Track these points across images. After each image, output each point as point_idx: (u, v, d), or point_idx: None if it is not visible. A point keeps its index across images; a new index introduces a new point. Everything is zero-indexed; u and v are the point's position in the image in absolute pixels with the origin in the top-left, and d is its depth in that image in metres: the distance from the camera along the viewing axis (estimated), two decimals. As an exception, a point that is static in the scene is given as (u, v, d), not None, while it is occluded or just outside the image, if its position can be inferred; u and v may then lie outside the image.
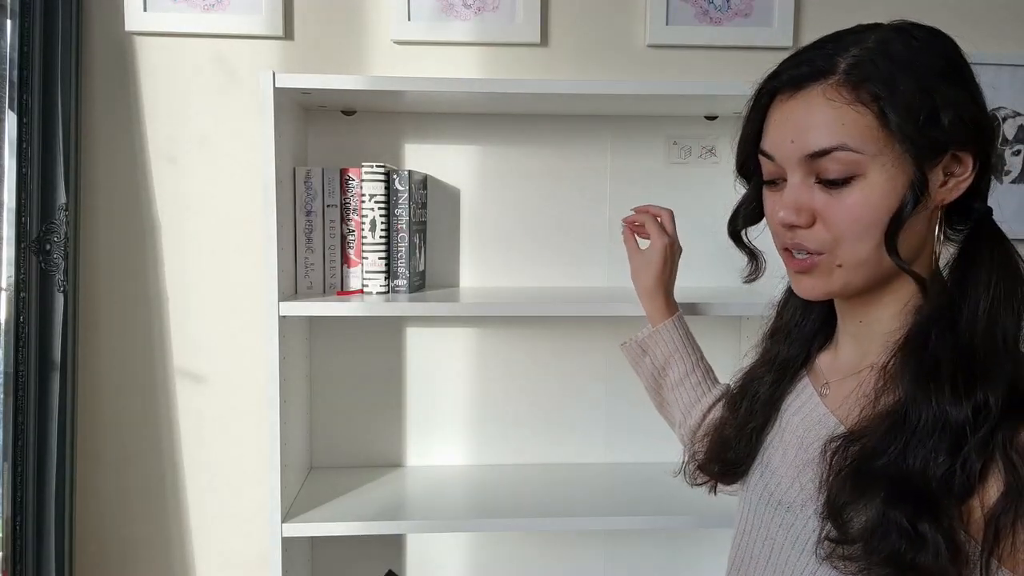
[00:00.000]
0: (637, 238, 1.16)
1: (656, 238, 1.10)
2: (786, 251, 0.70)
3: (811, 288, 0.70)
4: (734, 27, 1.42)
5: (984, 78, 0.67)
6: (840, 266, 0.66)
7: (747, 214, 0.78)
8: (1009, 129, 1.45)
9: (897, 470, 0.61)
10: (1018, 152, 1.46)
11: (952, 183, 0.65)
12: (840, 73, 0.63)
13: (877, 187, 0.63)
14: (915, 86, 0.62)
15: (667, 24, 1.41)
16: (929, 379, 0.62)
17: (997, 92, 1.42)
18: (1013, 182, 1.46)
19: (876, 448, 0.63)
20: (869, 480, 0.62)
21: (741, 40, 1.42)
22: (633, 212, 1.16)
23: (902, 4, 1.35)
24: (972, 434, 0.59)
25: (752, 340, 0.89)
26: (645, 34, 1.42)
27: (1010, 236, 0.68)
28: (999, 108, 1.43)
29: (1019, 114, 1.44)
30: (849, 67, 0.63)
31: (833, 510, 0.64)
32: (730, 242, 0.82)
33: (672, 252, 1.11)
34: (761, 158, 0.70)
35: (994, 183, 0.71)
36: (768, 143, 0.69)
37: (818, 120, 0.64)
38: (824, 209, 0.65)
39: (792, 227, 0.67)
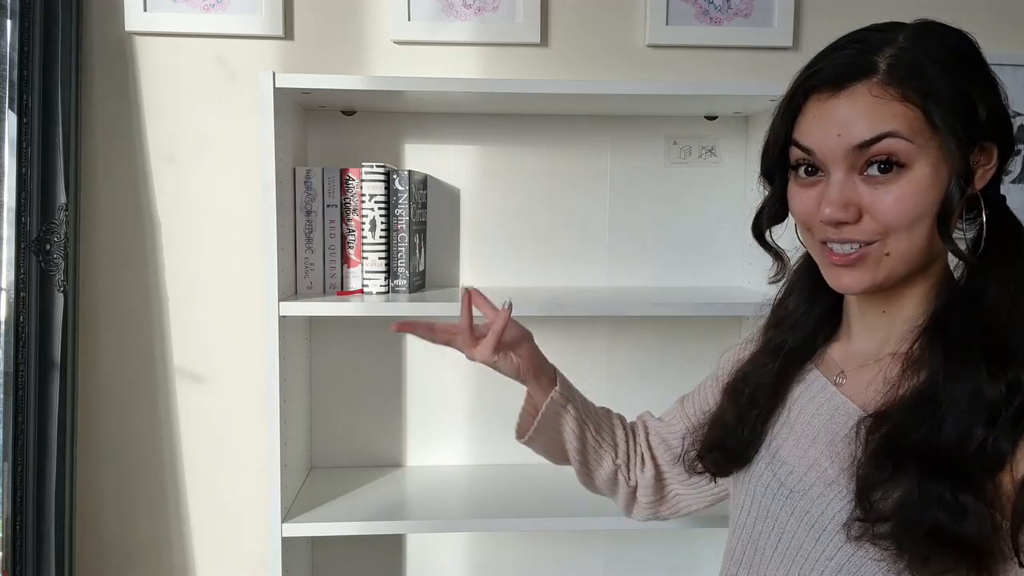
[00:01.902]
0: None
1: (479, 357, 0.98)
2: (824, 246, 0.70)
3: (856, 282, 0.69)
4: (734, 27, 1.42)
5: (985, 78, 0.68)
6: (888, 255, 0.67)
7: (771, 214, 0.78)
8: (1009, 129, 1.45)
9: (931, 444, 0.62)
10: (1018, 152, 1.46)
11: (980, 173, 0.67)
12: (882, 73, 0.64)
13: (923, 179, 0.64)
14: (954, 83, 0.63)
15: (667, 24, 1.41)
16: (961, 358, 0.64)
17: (997, 92, 1.42)
18: (1013, 182, 1.46)
19: (907, 426, 0.64)
20: (903, 455, 0.63)
21: (741, 40, 1.42)
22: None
23: (902, 5, 1.35)
24: (1006, 410, 0.60)
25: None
26: (645, 34, 1.42)
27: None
28: (999, 108, 1.44)
29: (1019, 114, 1.44)
30: (890, 66, 0.64)
31: (865, 489, 0.65)
32: (732, 240, 0.82)
33: (497, 357, 0.99)
34: (793, 149, 0.70)
35: (993, 183, 0.73)
36: (807, 137, 0.68)
37: (866, 112, 0.64)
38: (871, 203, 0.65)
39: (839, 224, 0.67)
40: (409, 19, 1.39)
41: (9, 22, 1.24)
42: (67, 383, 1.33)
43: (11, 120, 1.24)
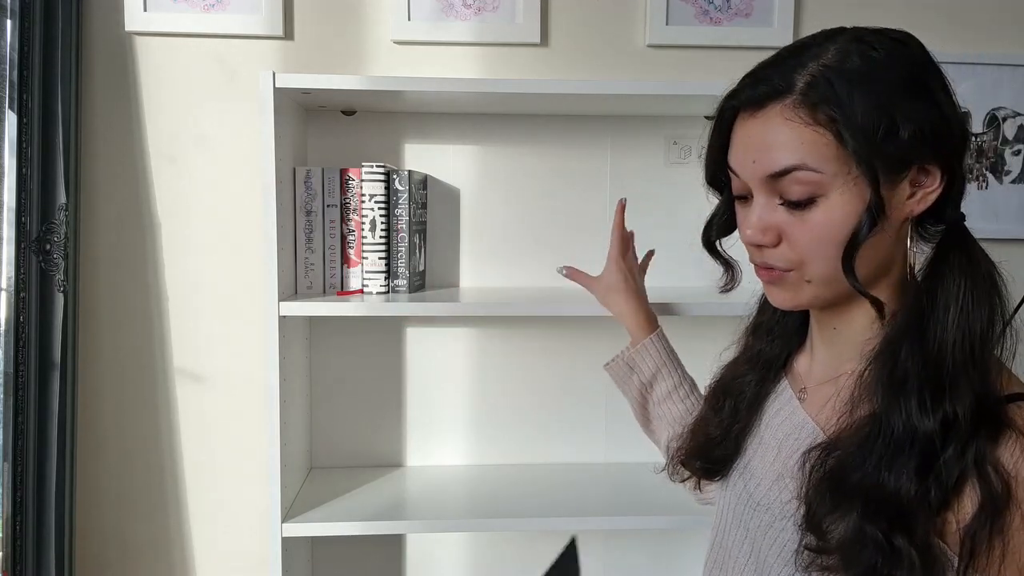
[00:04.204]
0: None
1: (610, 258, 1.16)
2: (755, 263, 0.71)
3: (782, 299, 0.70)
4: (734, 27, 1.42)
5: (984, 78, 0.67)
6: (809, 282, 0.67)
7: (720, 225, 0.78)
8: (1009, 129, 1.44)
9: (872, 484, 0.61)
10: (1018, 152, 1.45)
11: (920, 195, 0.64)
12: (797, 93, 0.62)
13: (839, 208, 0.63)
14: (872, 103, 0.61)
15: (667, 24, 1.41)
16: (899, 391, 0.62)
17: (997, 92, 1.42)
18: (1013, 182, 1.46)
19: (852, 461, 0.63)
20: (845, 493, 0.63)
21: (741, 40, 1.42)
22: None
23: (901, 5, 1.35)
24: (943, 446, 0.59)
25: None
26: (645, 34, 1.42)
27: (1010, 237, 0.68)
28: (999, 108, 1.43)
29: (1019, 114, 1.44)
30: (806, 86, 0.62)
31: (812, 521, 0.65)
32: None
33: (627, 266, 1.15)
34: (730, 172, 0.70)
35: (993, 183, 0.72)
36: (734, 161, 0.69)
37: (778, 140, 0.63)
38: (789, 229, 0.65)
39: (759, 246, 0.68)
40: (409, 19, 1.39)
41: (9, 22, 1.24)
42: (67, 383, 1.33)
43: (11, 120, 1.24)
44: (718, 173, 0.73)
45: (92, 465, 1.44)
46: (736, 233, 0.78)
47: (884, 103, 0.61)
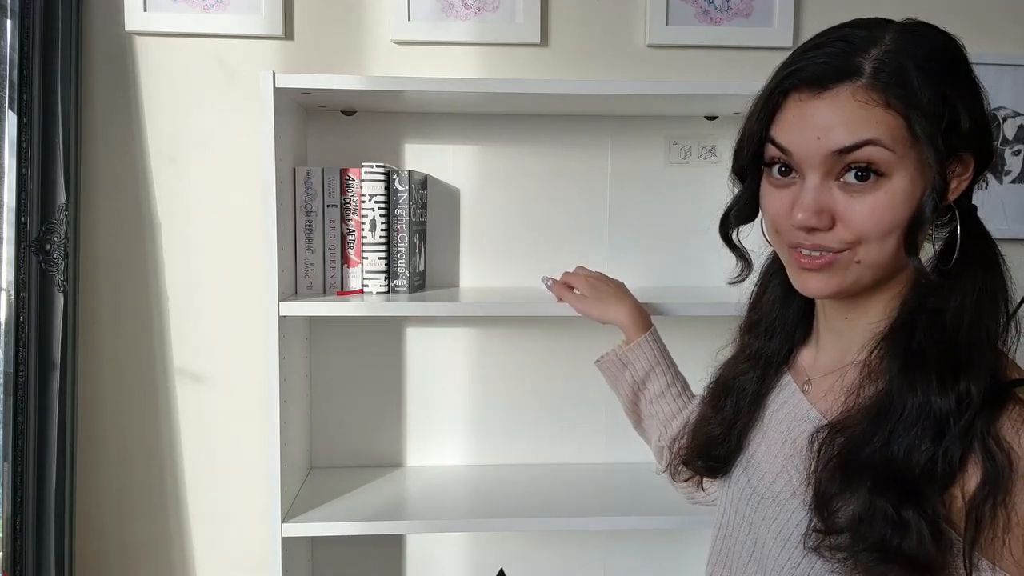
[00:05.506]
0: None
1: (576, 279, 1.21)
2: (794, 249, 0.69)
3: (822, 287, 0.68)
4: (734, 27, 1.42)
5: (984, 78, 0.67)
6: (858, 262, 0.66)
7: (739, 214, 0.76)
8: (1009, 129, 1.44)
9: (882, 458, 0.62)
10: (1018, 152, 1.45)
11: (955, 184, 0.65)
12: (867, 76, 0.62)
13: (900, 190, 0.63)
14: (939, 91, 0.61)
15: (667, 24, 1.41)
16: (915, 369, 0.63)
17: (997, 92, 1.42)
18: (1013, 182, 1.46)
19: (861, 438, 0.64)
20: (855, 470, 0.63)
21: (741, 40, 1.42)
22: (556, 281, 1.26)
23: (902, 4, 1.35)
24: (955, 423, 0.60)
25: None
26: (645, 34, 1.42)
27: (1010, 236, 0.69)
28: (999, 108, 1.43)
29: (1019, 114, 1.44)
30: (875, 69, 0.62)
31: (821, 501, 0.65)
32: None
33: (597, 275, 1.22)
34: (769, 147, 0.68)
35: (994, 183, 0.72)
36: (784, 137, 0.66)
37: (849, 118, 0.62)
38: (845, 211, 0.64)
39: (811, 230, 0.66)
40: (409, 19, 1.39)
41: (9, 22, 1.24)
42: (67, 383, 1.33)
43: (11, 120, 1.24)
44: (759, 153, 0.70)
45: (92, 465, 1.44)
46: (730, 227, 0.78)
47: (948, 92, 0.62)
